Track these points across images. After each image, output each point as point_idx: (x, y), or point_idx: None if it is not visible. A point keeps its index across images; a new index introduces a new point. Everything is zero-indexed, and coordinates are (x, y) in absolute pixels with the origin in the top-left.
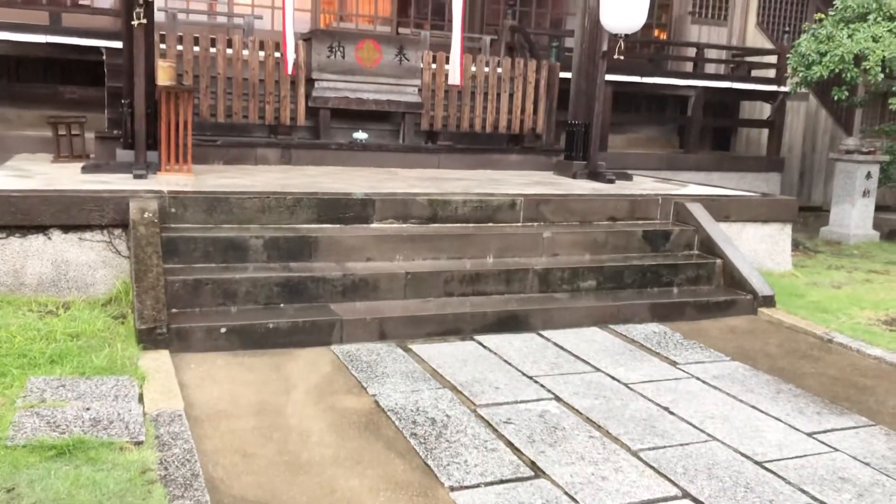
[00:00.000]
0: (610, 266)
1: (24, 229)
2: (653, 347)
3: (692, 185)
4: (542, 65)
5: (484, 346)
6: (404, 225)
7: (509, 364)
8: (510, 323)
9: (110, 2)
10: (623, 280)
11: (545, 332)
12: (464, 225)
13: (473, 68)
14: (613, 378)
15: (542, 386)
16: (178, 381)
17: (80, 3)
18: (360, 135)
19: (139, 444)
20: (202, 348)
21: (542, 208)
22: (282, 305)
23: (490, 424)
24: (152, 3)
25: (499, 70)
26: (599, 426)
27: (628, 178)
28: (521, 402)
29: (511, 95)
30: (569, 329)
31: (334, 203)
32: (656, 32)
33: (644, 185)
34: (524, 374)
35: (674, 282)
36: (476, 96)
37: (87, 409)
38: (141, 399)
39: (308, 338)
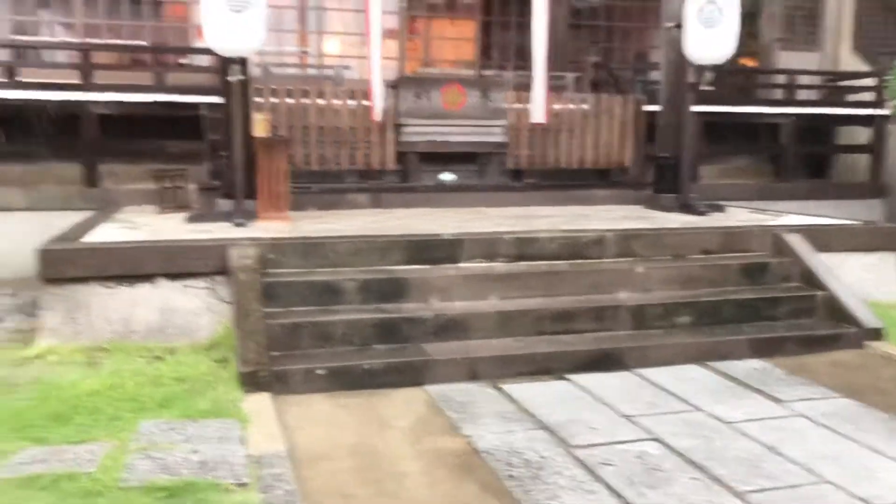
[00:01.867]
0: (706, 301)
1: (133, 278)
2: (754, 384)
3: (789, 215)
4: (627, 99)
5: (577, 385)
6: (492, 264)
7: (604, 403)
8: (603, 361)
9: (208, 60)
10: (720, 315)
11: (640, 370)
12: (552, 262)
13: (558, 106)
14: (714, 417)
15: (639, 426)
16: (280, 423)
17: (181, 62)
18: (448, 176)
19: (244, 485)
20: (301, 390)
21: (633, 243)
22: (376, 346)
23: (587, 466)
24: (247, 59)
25: (584, 106)
26: (701, 467)
27: (721, 209)
28: (619, 442)
29: (597, 131)
30: (664, 367)
31: (424, 244)
32: (745, 61)
33: (738, 216)
34: (620, 414)
35: (774, 316)
36: (561, 133)
37: (195, 451)
38: (245, 441)
39: (402, 378)
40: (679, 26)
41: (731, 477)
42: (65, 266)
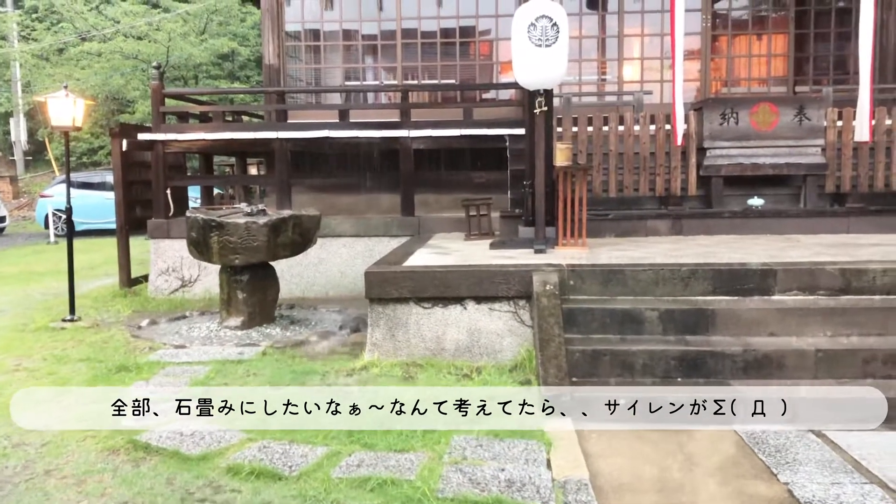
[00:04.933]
0: None
1: (445, 300)
2: None
3: None
4: None
5: None
6: (811, 297)
7: None
8: None
9: (510, 94)
10: None
11: None
12: (885, 297)
13: (888, 122)
14: None
15: None
16: (581, 449)
17: (485, 97)
18: (756, 201)
19: None
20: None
21: None
22: (679, 380)
23: None
24: (551, 91)
25: None
26: None
27: None
28: None
29: None
30: None
31: (731, 274)
32: None
33: None
34: None
35: None
36: (893, 152)
37: (502, 469)
38: (549, 465)
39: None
40: None
41: None
42: (389, 287)
